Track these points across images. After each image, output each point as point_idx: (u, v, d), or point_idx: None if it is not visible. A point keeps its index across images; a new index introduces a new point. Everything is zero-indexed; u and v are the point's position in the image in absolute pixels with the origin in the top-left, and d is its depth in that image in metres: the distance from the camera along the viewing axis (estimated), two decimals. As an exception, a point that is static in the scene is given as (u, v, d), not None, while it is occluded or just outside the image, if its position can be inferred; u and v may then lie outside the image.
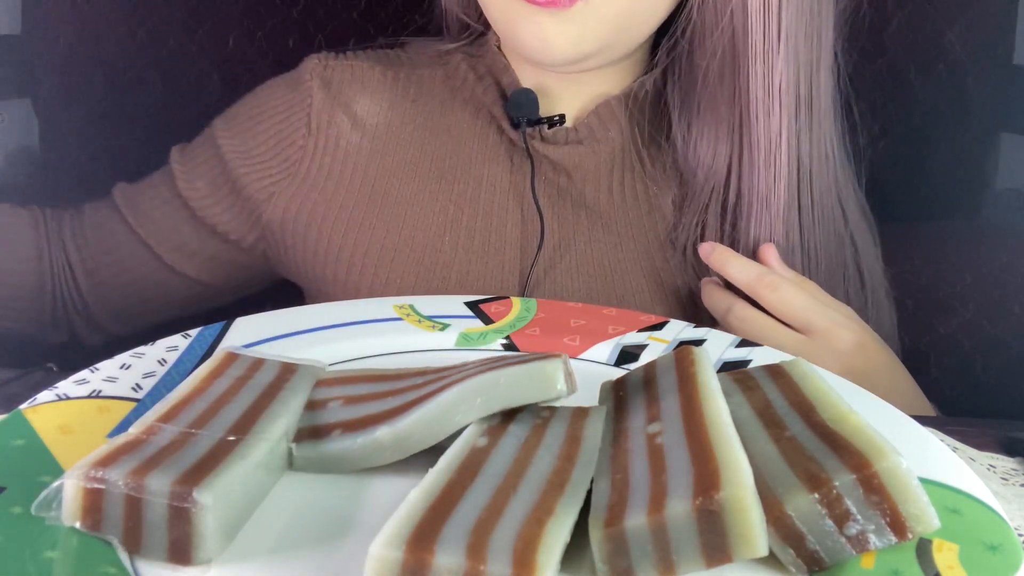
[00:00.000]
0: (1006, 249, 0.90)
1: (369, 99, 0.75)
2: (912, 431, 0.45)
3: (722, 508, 0.33)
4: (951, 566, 0.35)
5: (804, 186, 0.71)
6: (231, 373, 0.46)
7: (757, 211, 0.71)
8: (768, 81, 0.68)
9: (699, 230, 0.73)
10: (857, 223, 0.77)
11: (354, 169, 0.74)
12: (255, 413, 0.42)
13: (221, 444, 0.39)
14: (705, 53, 0.70)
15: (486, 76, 0.75)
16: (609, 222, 0.74)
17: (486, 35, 0.76)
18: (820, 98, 0.71)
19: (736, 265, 0.68)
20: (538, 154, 0.73)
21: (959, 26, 0.88)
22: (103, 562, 0.35)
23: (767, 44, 0.67)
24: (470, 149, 0.74)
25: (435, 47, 0.78)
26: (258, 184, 0.75)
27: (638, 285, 0.73)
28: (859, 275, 0.76)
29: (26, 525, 0.36)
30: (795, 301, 0.65)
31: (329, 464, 0.42)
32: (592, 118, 0.73)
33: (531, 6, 0.64)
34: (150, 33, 0.90)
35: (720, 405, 0.40)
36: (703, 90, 0.71)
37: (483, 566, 0.32)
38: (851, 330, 0.65)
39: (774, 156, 0.70)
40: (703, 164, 0.73)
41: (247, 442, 0.39)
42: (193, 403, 0.42)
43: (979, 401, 0.82)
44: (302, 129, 0.75)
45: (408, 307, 0.59)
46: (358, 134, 0.75)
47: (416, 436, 0.42)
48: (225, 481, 0.36)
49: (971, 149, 0.91)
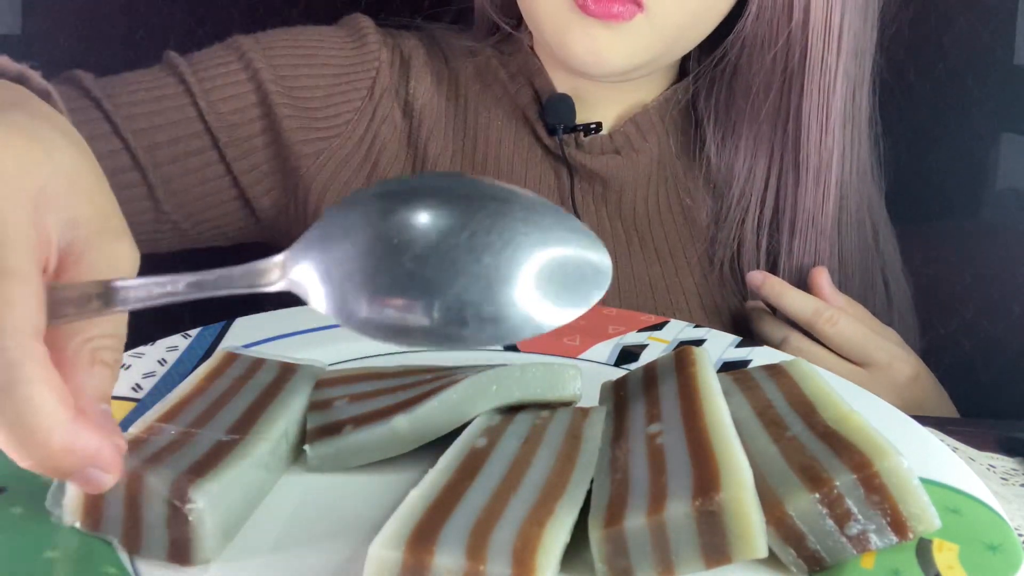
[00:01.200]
0: (1006, 249, 0.90)
1: (416, 82, 0.72)
2: (912, 431, 0.45)
3: (722, 509, 0.33)
4: (951, 566, 0.35)
5: (845, 203, 0.71)
6: (231, 373, 0.46)
7: (802, 229, 0.70)
8: (824, 100, 0.67)
9: (736, 245, 0.73)
10: (886, 236, 0.77)
11: (398, 151, 0.71)
12: (255, 413, 0.42)
13: (221, 444, 0.39)
14: (753, 68, 0.69)
15: (518, 76, 0.72)
16: (645, 235, 0.73)
17: (515, 34, 0.73)
18: (861, 114, 0.71)
19: (792, 298, 0.66)
20: (574, 162, 0.71)
21: (959, 26, 0.88)
22: (103, 562, 0.35)
23: (826, 64, 0.67)
24: (507, 152, 0.72)
25: (459, 41, 0.75)
26: (304, 134, 0.68)
27: (678, 302, 0.72)
28: (886, 288, 0.77)
29: (26, 525, 0.36)
30: (854, 336, 0.65)
31: (345, 459, 0.42)
32: (629, 127, 0.71)
33: (586, 17, 0.61)
34: (150, 33, 0.90)
35: (720, 406, 0.40)
36: (745, 104, 0.71)
37: (483, 566, 0.32)
38: (907, 363, 0.66)
39: (824, 175, 0.69)
40: (738, 178, 0.72)
41: (247, 442, 0.39)
42: (193, 403, 0.42)
43: (979, 401, 0.82)
44: (363, 91, 0.70)
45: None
46: (407, 117, 0.72)
47: (433, 423, 0.42)
48: (224, 481, 0.36)
49: (971, 149, 0.91)
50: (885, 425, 0.39)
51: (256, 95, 0.67)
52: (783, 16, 0.66)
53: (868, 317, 0.68)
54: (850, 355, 0.65)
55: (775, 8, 0.66)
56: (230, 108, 0.66)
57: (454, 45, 0.75)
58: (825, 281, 0.68)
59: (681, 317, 0.69)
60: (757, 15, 0.67)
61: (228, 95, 0.66)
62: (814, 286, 0.68)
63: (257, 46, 0.68)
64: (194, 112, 0.66)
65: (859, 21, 0.67)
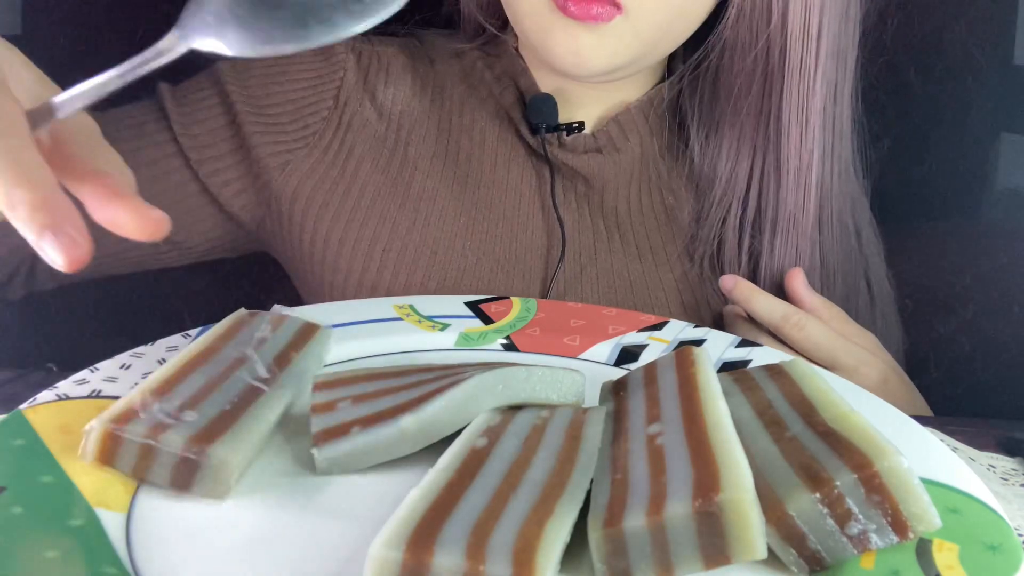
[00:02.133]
0: (1006, 249, 0.90)
1: (394, 87, 0.74)
2: (912, 431, 0.45)
3: (721, 511, 0.33)
4: (951, 566, 0.35)
5: (826, 203, 0.72)
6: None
7: (784, 230, 0.71)
8: (803, 102, 0.68)
9: (716, 243, 0.73)
10: (868, 237, 0.77)
11: (376, 155, 0.72)
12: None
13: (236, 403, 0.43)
14: (734, 69, 0.69)
15: (503, 77, 0.74)
16: (627, 233, 0.73)
17: (501, 35, 0.74)
18: (843, 115, 0.71)
19: (760, 302, 0.67)
20: (557, 161, 0.72)
21: (959, 26, 0.88)
22: (103, 562, 0.35)
23: (805, 66, 0.67)
24: (490, 151, 0.73)
25: (447, 43, 0.77)
26: (271, 148, 0.71)
27: (658, 299, 0.72)
28: (868, 289, 0.77)
29: (26, 525, 0.36)
30: (821, 340, 0.65)
31: (354, 461, 0.42)
32: (612, 126, 0.72)
33: (567, 19, 0.62)
34: (150, 33, 0.90)
35: (720, 407, 0.40)
36: (727, 105, 0.71)
37: (483, 566, 0.32)
38: (875, 367, 0.65)
39: (804, 176, 0.70)
40: (721, 178, 0.72)
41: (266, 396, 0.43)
42: (209, 359, 0.45)
43: (979, 401, 0.82)
44: (329, 101, 0.72)
45: (408, 307, 0.59)
46: (383, 121, 0.73)
47: (440, 423, 0.42)
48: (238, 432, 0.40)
49: (971, 149, 0.91)
50: (885, 425, 0.39)
51: (226, 116, 0.71)
52: (762, 19, 0.66)
53: (843, 319, 0.68)
54: (817, 359, 0.65)
55: (754, 11, 0.66)
56: (203, 130, 0.71)
57: (441, 47, 0.77)
58: (800, 283, 0.68)
59: (660, 313, 0.70)
60: (736, 18, 0.67)
61: (201, 118, 0.71)
62: (789, 287, 0.69)
63: (233, 71, 0.72)
64: (170, 135, 0.70)
65: (838, 23, 0.67)
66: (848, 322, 0.68)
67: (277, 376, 0.46)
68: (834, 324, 0.67)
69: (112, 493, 0.39)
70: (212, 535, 0.37)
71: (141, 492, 0.39)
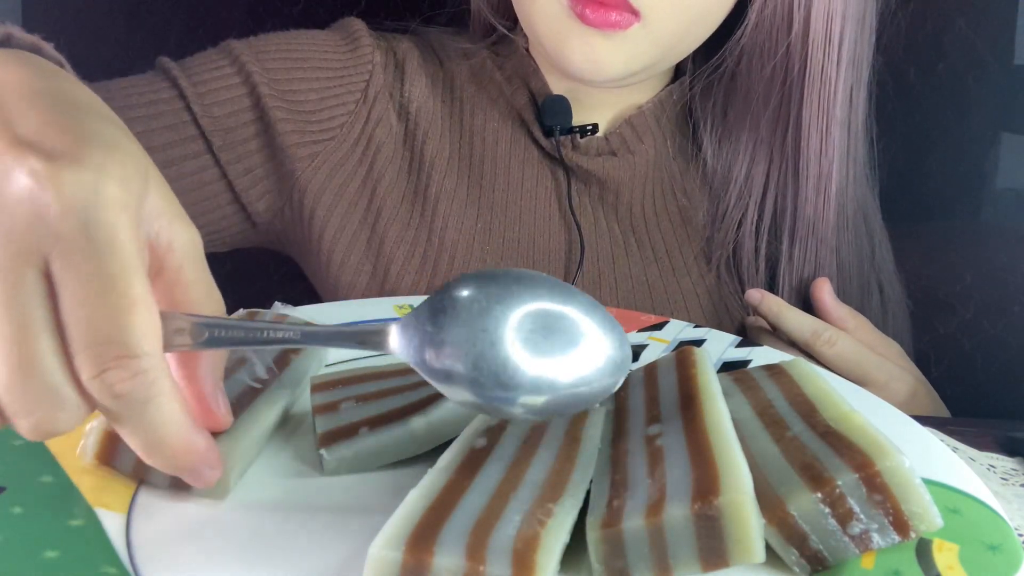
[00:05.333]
0: (1006, 249, 0.90)
1: (410, 84, 0.72)
2: (912, 431, 0.45)
3: (720, 514, 0.33)
4: (951, 566, 0.35)
5: (843, 209, 0.71)
6: None
7: (803, 237, 0.70)
8: (824, 110, 0.67)
9: (732, 247, 0.73)
10: (880, 239, 0.77)
11: (396, 154, 0.71)
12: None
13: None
14: (751, 76, 0.68)
15: (514, 78, 0.73)
16: (642, 236, 0.73)
17: (511, 36, 0.73)
18: (858, 120, 0.71)
19: (790, 318, 0.66)
20: (571, 163, 0.71)
21: (959, 26, 0.88)
22: (103, 562, 0.35)
23: (826, 75, 0.66)
24: (504, 153, 0.72)
25: (454, 43, 0.76)
26: (298, 137, 0.68)
27: (675, 302, 0.72)
28: (880, 291, 0.76)
29: (26, 525, 0.36)
30: (852, 356, 0.65)
31: (361, 462, 0.42)
32: (625, 128, 0.71)
33: (584, 26, 0.61)
34: (150, 33, 0.90)
35: (721, 408, 0.40)
36: (744, 109, 0.70)
37: (482, 567, 0.32)
38: (905, 382, 0.65)
39: (824, 184, 0.69)
40: (736, 180, 0.72)
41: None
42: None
43: (979, 401, 0.82)
44: (357, 94, 0.70)
45: (408, 307, 0.59)
46: (403, 119, 0.72)
47: (450, 423, 0.42)
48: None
49: (971, 149, 0.91)
50: (885, 425, 0.39)
51: (250, 98, 0.67)
52: (783, 26, 0.66)
53: (868, 328, 0.68)
54: (848, 375, 0.64)
55: (775, 18, 0.66)
56: (225, 111, 0.66)
57: (449, 47, 0.75)
58: (827, 293, 0.68)
59: (679, 317, 0.69)
60: (756, 24, 0.66)
61: (222, 99, 0.66)
62: (816, 298, 0.68)
63: (250, 50, 0.68)
64: (188, 116, 0.66)
65: (858, 29, 0.67)
66: (873, 331, 0.68)
67: (276, 376, 0.46)
68: (860, 334, 0.67)
69: (112, 493, 0.39)
70: (211, 535, 0.37)
71: (141, 492, 0.39)
